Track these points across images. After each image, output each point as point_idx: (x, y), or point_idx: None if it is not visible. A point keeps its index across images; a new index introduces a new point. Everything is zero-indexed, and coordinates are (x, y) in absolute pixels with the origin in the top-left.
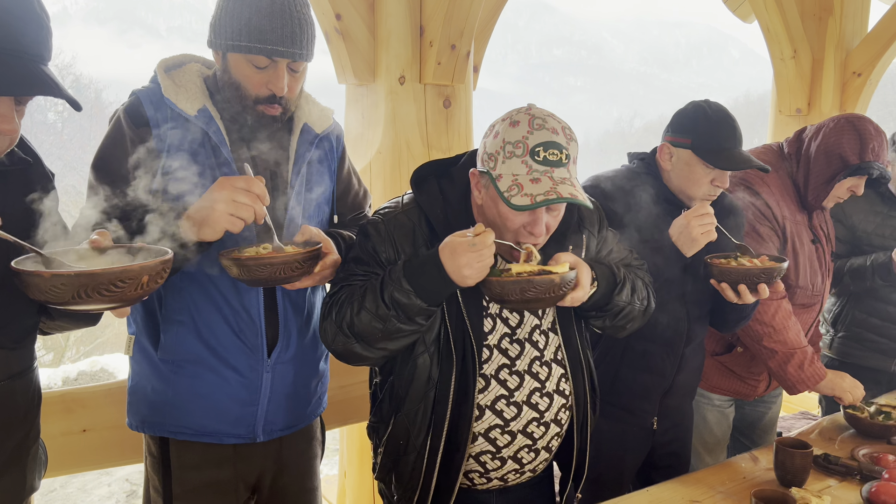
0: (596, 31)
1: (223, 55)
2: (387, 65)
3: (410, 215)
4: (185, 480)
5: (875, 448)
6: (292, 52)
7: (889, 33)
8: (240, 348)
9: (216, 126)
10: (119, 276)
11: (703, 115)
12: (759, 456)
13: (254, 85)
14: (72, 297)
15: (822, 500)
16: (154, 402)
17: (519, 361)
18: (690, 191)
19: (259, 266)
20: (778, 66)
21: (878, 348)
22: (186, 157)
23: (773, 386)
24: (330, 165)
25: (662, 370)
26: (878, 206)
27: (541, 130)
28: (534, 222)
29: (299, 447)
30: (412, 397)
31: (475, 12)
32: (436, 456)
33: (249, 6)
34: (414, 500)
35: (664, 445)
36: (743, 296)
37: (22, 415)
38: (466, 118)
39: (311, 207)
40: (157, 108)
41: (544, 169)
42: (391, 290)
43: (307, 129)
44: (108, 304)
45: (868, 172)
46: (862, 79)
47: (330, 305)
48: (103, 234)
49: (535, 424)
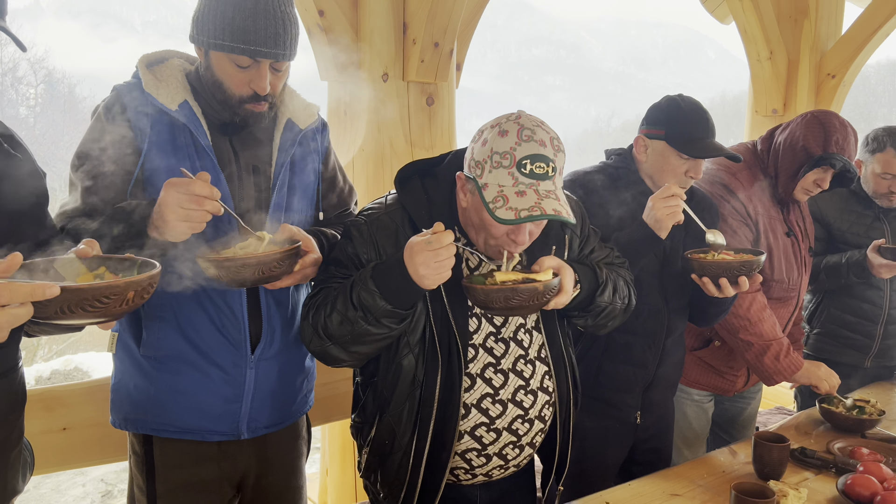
0: (574, 31)
1: (205, 52)
2: (370, 62)
3: (394, 216)
4: (169, 479)
5: (849, 441)
6: (275, 53)
7: (862, 36)
8: (223, 345)
9: (197, 120)
10: (104, 291)
11: (677, 107)
12: (737, 450)
13: (236, 84)
14: (55, 312)
15: (799, 493)
16: (137, 399)
17: (504, 360)
18: (665, 181)
19: (237, 267)
20: (754, 67)
21: (853, 344)
22: (168, 152)
23: (753, 381)
24: (314, 161)
25: (644, 362)
26: (853, 205)
27: (529, 142)
28: (517, 232)
29: (284, 445)
30: (397, 398)
31: (458, 10)
32: (422, 455)
33: (233, 5)
34: (400, 499)
35: (645, 441)
36: (724, 289)
37: (3, 416)
38: (449, 116)
39: (294, 203)
40: (137, 102)
41: (530, 182)
42: (358, 291)
43: (290, 125)
44: (92, 319)
45: (830, 163)
46: (836, 80)
47: (308, 307)
48: (90, 244)
49: (520, 421)
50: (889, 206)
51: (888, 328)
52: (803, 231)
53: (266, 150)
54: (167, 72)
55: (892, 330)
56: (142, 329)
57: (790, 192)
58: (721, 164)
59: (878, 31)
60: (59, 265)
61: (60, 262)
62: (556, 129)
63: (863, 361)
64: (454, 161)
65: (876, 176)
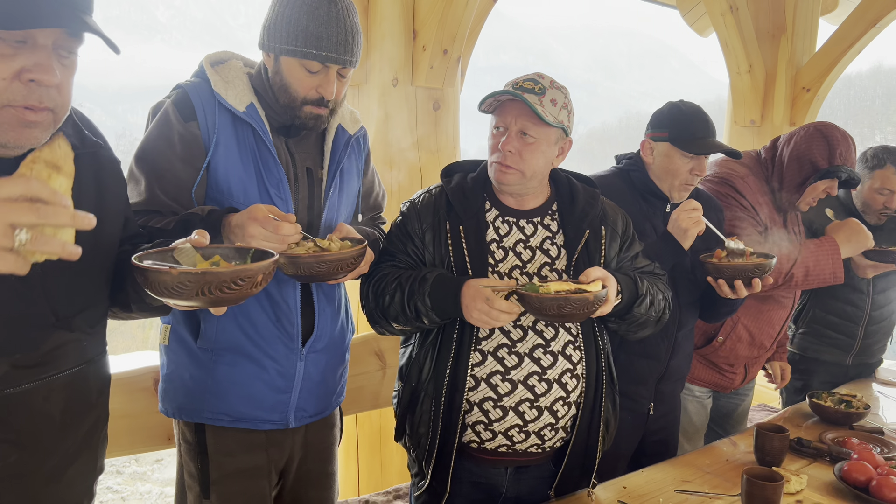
0: (543, 38)
1: (276, 58)
2: (380, 67)
3: (433, 193)
4: (222, 465)
5: (839, 433)
6: (344, 59)
7: (835, 52)
8: (278, 337)
9: (263, 123)
10: (239, 274)
11: (678, 110)
12: (737, 441)
13: (304, 87)
14: (195, 294)
15: (800, 479)
16: (192, 389)
17: (523, 317)
18: (671, 180)
19: (318, 263)
20: (734, 79)
21: (836, 344)
22: (233, 151)
23: (749, 378)
24: (358, 165)
25: (658, 354)
26: (840, 215)
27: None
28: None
29: (323, 433)
30: (421, 346)
31: (467, 19)
32: (441, 393)
33: (307, 14)
34: (427, 447)
35: (655, 433)
36: (738, 290)
37: (94, 399)
38: (454, 120)
39: (342, 206)
40: (205, 102)
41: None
42: (415, 300)
43: (342, 131)
44: (221, 302)
45: (837, 175)
46: (811, 94)
47: (367, 287)
48: (202, 234)
49: (537, 379)
50: (877, 223)
51: (868, 328)
52: (798, 239)
53: (318, 154)
54: (232, 73)
55: (871, 330)
56: (199, 322)
57: (794, 202)
58: (730, 168)
59: (849, 48)
60: (177, 253)
61: (178, 251)
62: None
63: (845, 359)
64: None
65: (873, 191)
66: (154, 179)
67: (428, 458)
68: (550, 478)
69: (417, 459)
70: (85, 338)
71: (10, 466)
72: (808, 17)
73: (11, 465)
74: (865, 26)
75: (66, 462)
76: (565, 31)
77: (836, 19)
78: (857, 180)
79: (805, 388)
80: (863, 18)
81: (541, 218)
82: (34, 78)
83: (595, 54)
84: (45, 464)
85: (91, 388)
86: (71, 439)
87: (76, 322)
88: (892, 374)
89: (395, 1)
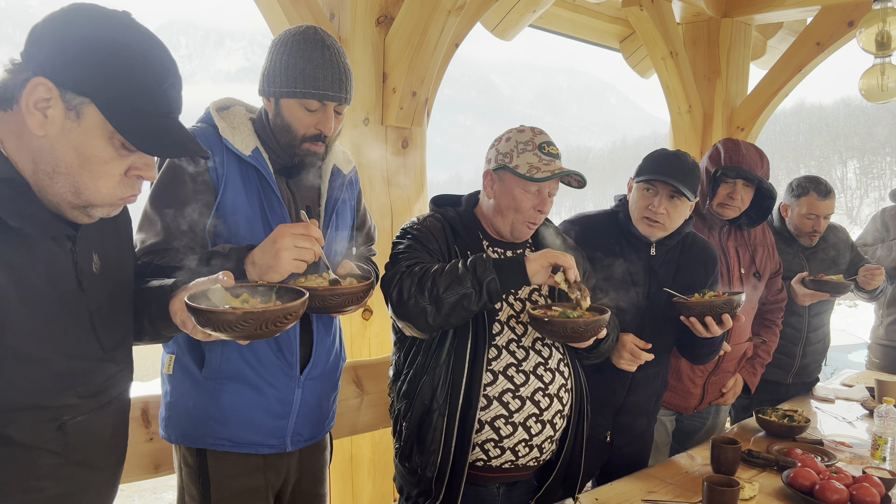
0: (485, 73)
1: (276, 101)
2: (352, 107)
3: (437, 220)
4: (223, 488)
5: (784, 445)
6: (339, 97)
7: (766, 95)
8: (278, 366)
9: (267, 166)
10: (289, 311)
11: (650, 154)
12: (694, 455)
13: (304, 126)
14: (255, 330)
15: (752, 486)
16: (196, 416)
17: (524, 338)
18: (635, 216)
19: (332, 296)
20: (675, 118)
21: (778, 363)
22: (240, 191)
23: (706, 403)
24: (351, 203)
25: (612, 388)
26: (780, 244)
27: (542, 135)
28: (541, 202)
29: (315, 456)
30: (436, 364)
31: (435, 63)
32: (455, 412)
33: (303, 58)
34: (437, 465)
35: (622, 458)
36: (710, 327)
37: (129, 421)
38: (421, 157)
39: (339, 242)
40: (213, 146)
41: (550, 158)
42: (475, 264)
43: (337, 171)
44: (270, 335)
45: (727, 175)
46: (744, 133)
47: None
48: (228, 275)
49: (541, 394)
50: (810, 244)
51: (806, 349)
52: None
53: (315, 193)
54: (237, 119)
55: (808, 351)
56: (204, 352)
57: (712, 211)
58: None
59: (778, 91)
60: (210, 293)
61: (211, 291)
62: (466, 171)
63: (786, 378)
64: (471, 199)
65: (801, 217)
66: (171, 218)
67: (440, 477)
68: (532, 493)
69: (426, 479)
70: (124, 367)
71: (78, 483)
72: (740, 63)
73: (78, 483)
74: (792, 71)
75: (111, 478)
76: (506, 67)
77: (765, 64)
78: (769, 189)
79: (751, 405)
80: (789, 64)
81: (522, 250)
82: (141, 175)
83: (536, 89)
84: (97, 480)
85: (127, 412)
86: (115, 457)
87: (118, 354)
88: (828, 391)
89: (367, 45)
